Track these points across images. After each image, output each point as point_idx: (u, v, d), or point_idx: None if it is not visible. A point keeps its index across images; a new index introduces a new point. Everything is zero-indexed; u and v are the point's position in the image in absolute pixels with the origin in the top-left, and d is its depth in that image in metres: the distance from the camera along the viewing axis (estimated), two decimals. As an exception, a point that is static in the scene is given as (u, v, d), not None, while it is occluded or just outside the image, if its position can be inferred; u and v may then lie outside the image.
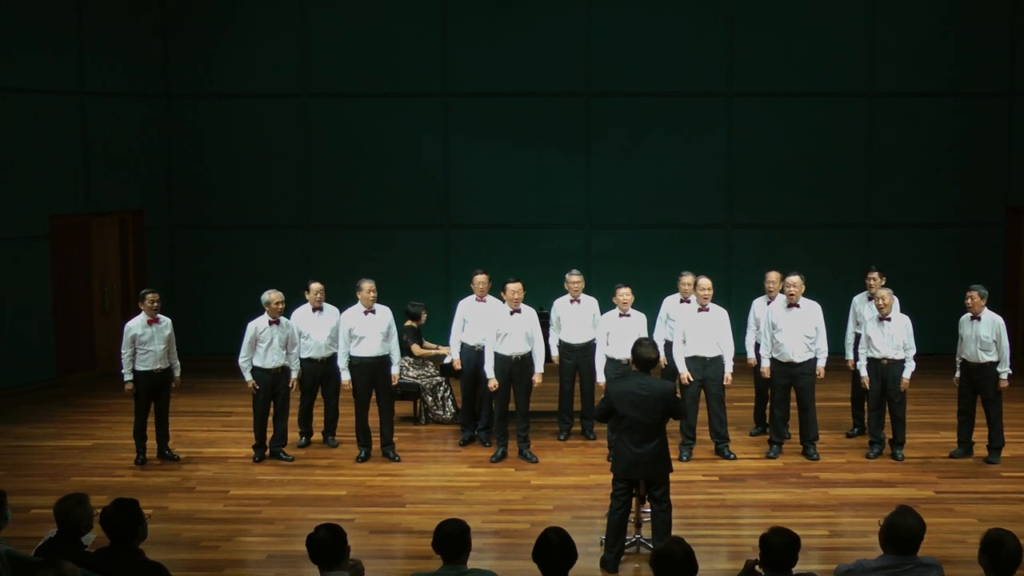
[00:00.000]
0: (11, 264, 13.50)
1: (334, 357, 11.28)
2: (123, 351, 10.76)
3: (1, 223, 13.37)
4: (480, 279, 11.38)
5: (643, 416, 7.92)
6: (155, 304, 10.80)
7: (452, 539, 5.68)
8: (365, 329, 10.76)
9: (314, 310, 11.24)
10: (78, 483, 9.84)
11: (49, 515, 6.41)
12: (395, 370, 10.99)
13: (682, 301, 11.31)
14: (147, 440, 10.89)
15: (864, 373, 10.76)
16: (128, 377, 10.76)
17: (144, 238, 15.18)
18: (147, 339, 10.73)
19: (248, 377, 10.79)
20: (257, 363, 10.77)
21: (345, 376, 10.86)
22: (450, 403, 12.29)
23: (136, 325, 10.77)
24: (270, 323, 10.75)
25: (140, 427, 10.85)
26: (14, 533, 7.08)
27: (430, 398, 12.25)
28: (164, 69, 15.16)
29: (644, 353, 8.10)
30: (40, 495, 9.51)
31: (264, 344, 10.74)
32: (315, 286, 11.28)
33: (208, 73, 15.20)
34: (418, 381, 12.22)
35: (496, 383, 10.73)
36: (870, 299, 11.15)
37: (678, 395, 8.92)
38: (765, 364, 10.93)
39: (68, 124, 14.03)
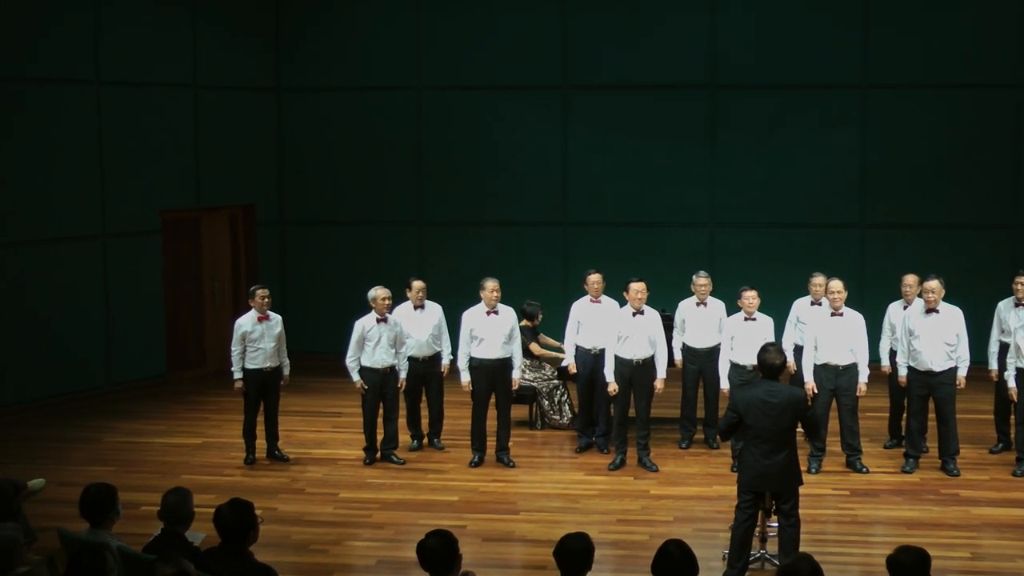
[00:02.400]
0: (123, 259, 13.86)
1: (436, 356, 11.36)
2: (233, 348, 10.97)
3: (113, 217, 13.74)
4: (594, 279, 11.33)
5: (772, 424, 7.79)
6: (265, 301, 10.98)
7: (572, 556, 5.63)
8: (487, 330, 10.78)
9: (415, 308, 11.30)
10: (187, 481, 10.04)
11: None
12: (516, 374, 10.97)
13: (813, 304, 11.15)
14: (256, 439, 11.09)
15: (1012, 384, 10.41)
16: (238, 375, 10.95)
17: (255, 234, 15.48)
18: (257, 336, 10.91)
19: (356, 377, 10.89)
20: (365, 362, 10.87)
21: (465, 377, 10.89)
22: (567, 407, 12.25)
23: (246, 322, 10.96)
24: (377, 321, 10.84)
25: (249, 426, 11.05)
26: (123, 529, 7.26)
27: (546, 402, 12.23)
28: (276, 62, 15.42)
29: (769, 359, 7.97)
30: (150, 492, 9.72)
31: (372, 343, 10.84)
32: (417, 284, 11.34)
33: (321, 66, 15.41)
34: (534, 384, 12.21)
35: (616, 387, 10.67)
36: (1017, 305, 10.82)
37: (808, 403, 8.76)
38: (902, 373, 10.67)
39: (180, 117, 14.37)
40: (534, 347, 12.19)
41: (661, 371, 10.77)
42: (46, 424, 12.57)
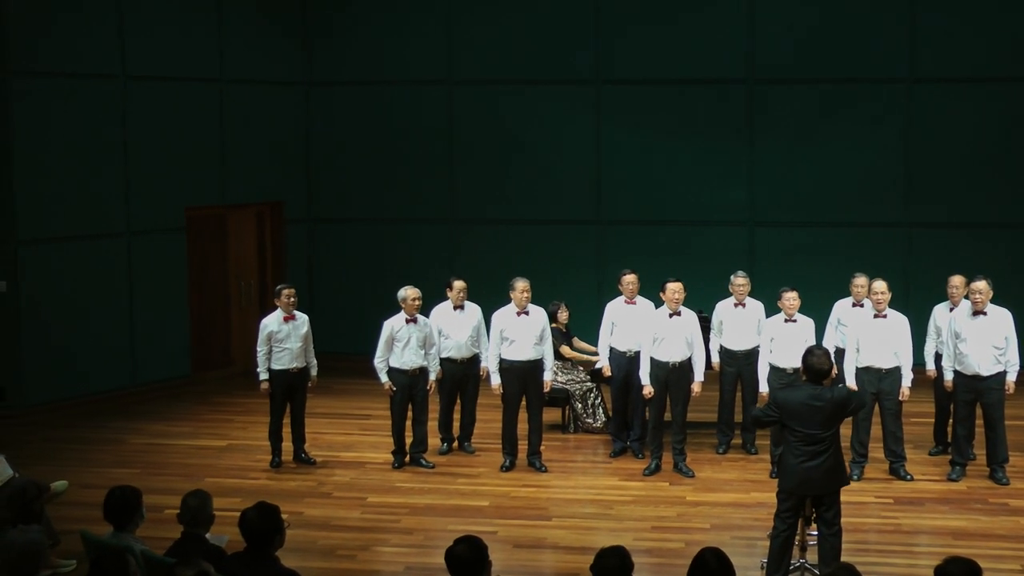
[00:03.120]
0: (148, 256, 13.93)
1: (475, 358, 11.35)
2: (259, 349, 11.00)
3: (138, 214, 13.81)
4: (629, 279, 11.30)
5: (817, 429, 7.73)
6: (292, 300, 11.01)
7: (610, 574, 5.55)
8: (518, 331, 10.77)
9: (455, 308, 11.30)
10: (212, 484, 10.05)
11: (183, 516, 6.60)
12: (548, 376, 10.97)
13: (855, 305, 11.08)
14: (283, 442, 11.12)
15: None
16: (264, 376, 10.98)
17: (282, 231, 15.52)
18: (283, 336, 10.94)
19: (384, 378, 10.91)
20: (394, 364, 10.88)
21: (495, 380, 10.89)
22: (601, 411, 12.22)
23: (272, 322, 10.99)
24: (407, 321, 10.85)
25: (276, 428, 11.08)
26: (147, 533, 7.28)
27: (579, 405, 12.21)
28: (305, 55, 15.46)
29: (816, 363, 7.89)
30: (174, 495, 9.66)
31: (401, 344, 10.85)
32: (458, 284, 11.34)
33: (350, 59, 15.43)
34: (567, 387, 12.19)
35: (651, 390, 10.64)
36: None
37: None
38: (948, 377, 10.57)
39: (206, 112, 14.43)
40: (565, 350, 12.17)
41: (698, 374, 10.74)
42: (69, 425, 12.65)
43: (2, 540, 6.31)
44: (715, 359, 11.40)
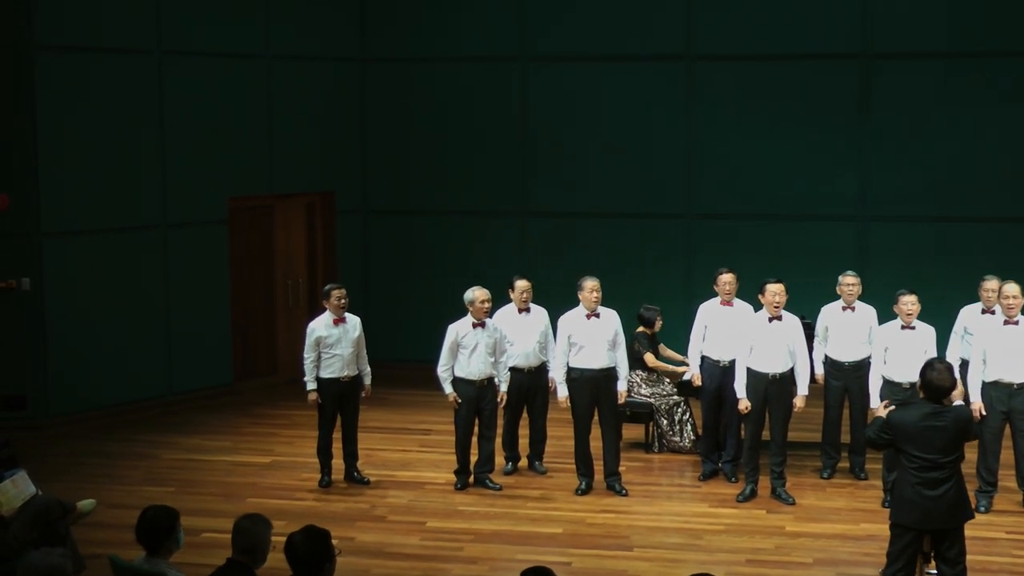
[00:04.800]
0: (186, 252, 14.08)
1: (543, 367, 11.35)
2: (306, 355, 11.06)
3: (175, 205, 13.96)
4: (726, 279, 11.25)
5: (937, 454, 7.61)
6: (342, 301, 11.06)
7: None
8: (587, 335, 10.75)
9: (520, 311, 11.30)
10: (255, 505, 10.16)
11: (222, 540, 6.61)
12: (622, 385, 10.95)
13: (984, 312, 10.95)
14: (333, 459, 11.18)
15: None
16: (311, 385, 11.04)
17: (334, 224, 15.62)
18: (333, 341, 11.00)
19: (448, 389, 10.92)
20: (459, 373, 10.90)
21: (563, 392, 10.87)
22: (689, 428, 12.17)
23: (320, 326, 11.05)
24: (474, 326, 10.86)
25: (325, 443, 11.14)
26: (184, 559, 7.32)
27: (665, 421, 12.16)
28: (361, 29, 15.55)
29: (937, 379, 7.76)
30: (212, 517, 9.89)
31: (467, 350, 10.86)
32: (520, 283, 11.34)
33: (411, 33, 15.50)
34: (651, 400, 12.15)
35: (748, 405, 10.56)
36: None
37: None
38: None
39: (251, 92, 14.55)
40: (650, 359, 12.12)
41: (802, 387, 10.65)
42: (97, 438, 12.81)
43: (23, 564, 6.37)
44: (819, 371, 11.29)
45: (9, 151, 12.85)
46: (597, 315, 10.81)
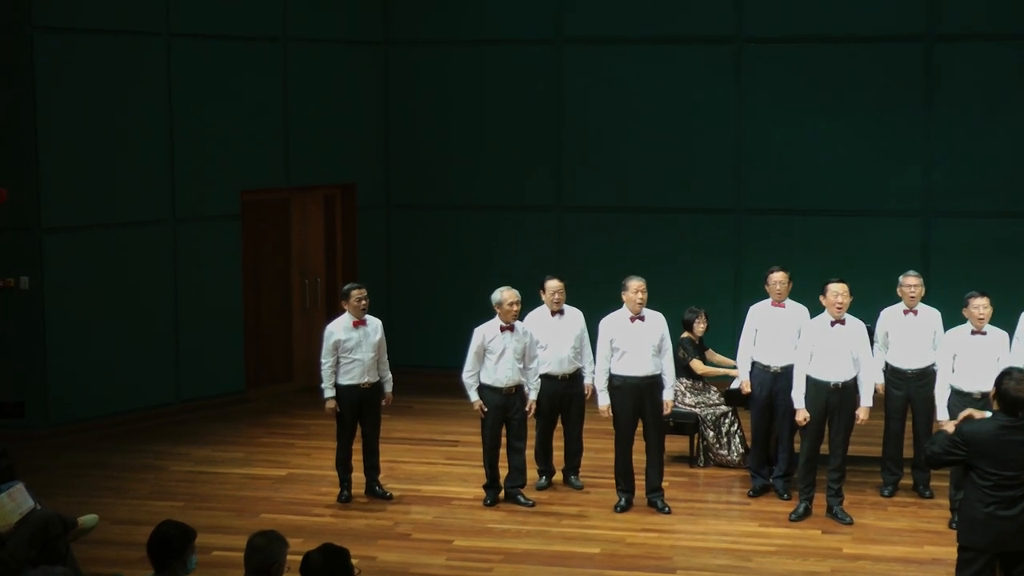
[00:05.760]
0: (194, 249, 14.11)
1: (578, 374, 11.36)
2: (323, 360, 11.08)
3: (184, 198, 14.00)
4: (777, 278, 11.21)
5: (1014, 471, 7.54)
6: (362, 302, 11.07)
7: None
8: (630, 340, 10.72)
9: (552, 314, 11.28)
10: (269, 521, 10.16)
11: (234, 559, 6.61)
12: (668, 395, 10.92)
13: (1056, 316, 10.86)
14: (352, 472, 11.19)
15: None
16: (329, 392, 11.05)
17: (354, 220, 15.64)
18: (352, 345, 11.01)
19: (474, 396, 10.92)
20: (486, 380, 10.89)
21: (604, 400, 10.85)
22: (738, 440, 12.14)
23: (339, 328, 11.06)
24: (502, 329, 10.85)
25: (344, 455, 11.15)
26: (191, 579, 7.34)
27: (711, 433, 12.13)
28: (383, 9, 15.57)
29: (1015, 389, 7.68)
30: (224, 534, 9.89)
31: (495, 355, 10.85)
32: (552, 284, 11.33)
33: (437, 14, 15.52)
34: (696, 410, 12.12)
35: (807, 416, 10.52)
36: None
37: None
38: None
39: (266, 77, 14.58)
40: (697, 364, 12.09)
41: (866, 397, 10.60)
42: (100, 449, 12.86)
43: (21, 583, 6.40)
44: (879, 380, 11.22)
45: (7, 141, 12.91)
46: (642, 318, 10.78)
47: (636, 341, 10.74)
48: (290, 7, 14.67)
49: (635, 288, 10.78)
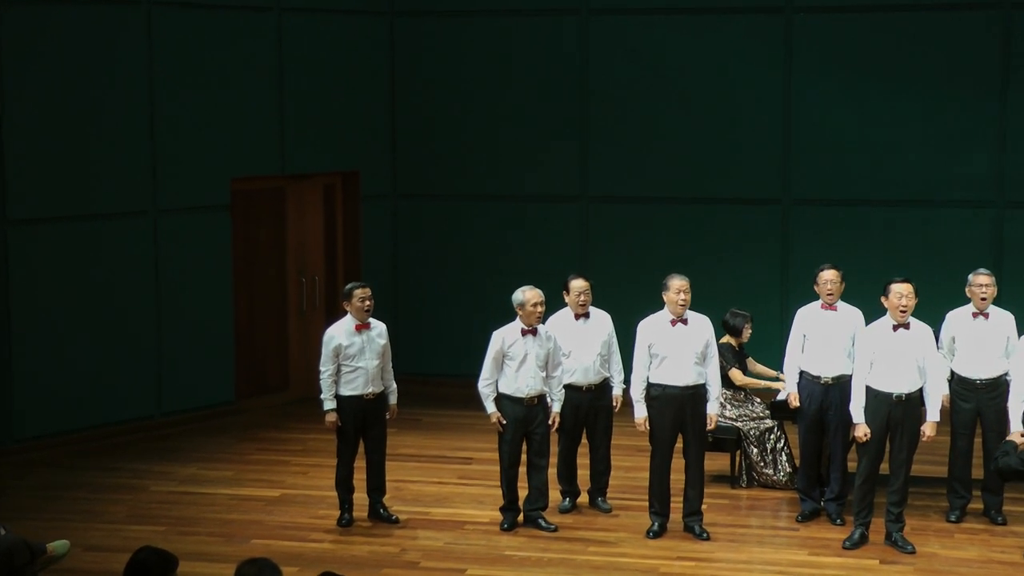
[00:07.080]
0: (179, 243, 14.13)
1: (605, 384, 11.37)
2: (322, 368, 11.06)
3: (168, 187, 13.99)
4: (829, 277, 11.19)
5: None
6: (366, 304, 11.05)
7: None
8: (672, 346, 10.69)
9: (577, 317, 11.27)
10: (261, 548, 10.18)
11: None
12: (713, 408, 10.89)
13: None
14: (354, 493, 11.18)
15: None
16: (329, 404, 11.04)
17: (358, 211, 15.66)
18: (355, 351, 10.99)
19: (491, 408, 10.90)
20: (504, 389, 10.87)
21: (640, 412, 10.82)
22: (784, 458, 12.11)
23: (340, 332, 11.05)
24: (523, 333, 10.83)
25: (345, 474, 11.14)
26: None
27: (755, 450, 12.10)
28: (390, -25, 15.61)
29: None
30: (210, 561, 9.91)
31: (514, 362, 10.83)
32: (576, 284, 11.30)
33: (450, -20, 15.56)
34: (738, 424, 12.10)
35: (867, 431, 10.46)
36: None
37: None
38: None
39: (258, 51, 14.59)
40: (736, 374, 12.05)
41: (933, 411, 10.54)
42: (73, 466, 12.87)
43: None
44: (944, 390, 11.15)
45: (-32, 122, 12.95)
46: (684, 321, 10.74)
47: (677, 347, 10.70)
48: (285, -28, 14.73)
49: (677, 288, 10.73)
